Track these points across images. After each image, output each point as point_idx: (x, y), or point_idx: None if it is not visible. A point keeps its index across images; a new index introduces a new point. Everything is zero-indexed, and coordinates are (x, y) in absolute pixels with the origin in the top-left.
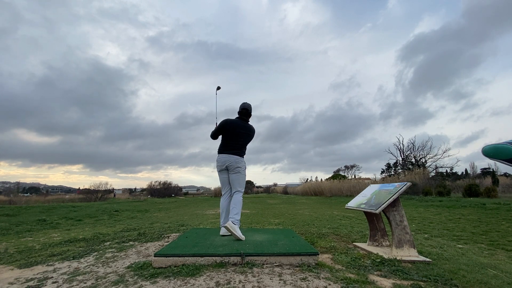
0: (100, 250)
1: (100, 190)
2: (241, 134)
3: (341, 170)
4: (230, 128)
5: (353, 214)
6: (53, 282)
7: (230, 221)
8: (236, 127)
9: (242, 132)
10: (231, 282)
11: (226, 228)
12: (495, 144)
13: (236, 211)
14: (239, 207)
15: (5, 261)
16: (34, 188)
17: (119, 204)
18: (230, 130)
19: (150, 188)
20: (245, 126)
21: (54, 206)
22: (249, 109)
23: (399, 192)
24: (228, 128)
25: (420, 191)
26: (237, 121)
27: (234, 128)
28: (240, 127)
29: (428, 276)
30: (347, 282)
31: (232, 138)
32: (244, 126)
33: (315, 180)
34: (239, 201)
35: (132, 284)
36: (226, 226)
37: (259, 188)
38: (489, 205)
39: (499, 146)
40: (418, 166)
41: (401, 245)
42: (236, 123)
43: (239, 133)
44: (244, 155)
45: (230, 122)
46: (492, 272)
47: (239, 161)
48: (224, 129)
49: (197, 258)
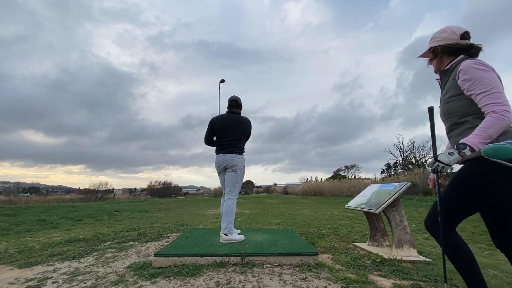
0: (100, 250)
1: (100, 190)
2: (232, 128)
3: (341, 170)
4: (218, 125)
5: (353, 214)
6: (53, 282)
7: (223, 234)
8: (225, 122)
9: (232, 126)
10: (231, 282)
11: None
12: (495, 144)
13: (227, 220)
14: (231, 216)
15: (5, 261)
16: (34, 188)
17: (119, 204)
18: (219, 127)
19: (150, 188)
20: (235, 118)
21: (54, 206)
22: (238, 100)
23: (399, 192)
24: (216, 126)
25: (420, 191)
26: (225, 115)
27: (224, 123)
28: (230, 121)
29: (428, 276)
30: (347, 282)
31: (224, 135)
32: (233, 119)
33: (315, 180)
34: (231, 209)
35: (132, 284)
36: (221, 242)
37: (259, 188)
38: None
39: (499, 146)
40: (418, 166)
41: (401, 245)
42: (224, 117)
43: (229, 128)
44: (242, 151)
45: (216, 119)
46: (492, 272)
47: (234, 159)
48: (213, 128)
49: (197, 258)
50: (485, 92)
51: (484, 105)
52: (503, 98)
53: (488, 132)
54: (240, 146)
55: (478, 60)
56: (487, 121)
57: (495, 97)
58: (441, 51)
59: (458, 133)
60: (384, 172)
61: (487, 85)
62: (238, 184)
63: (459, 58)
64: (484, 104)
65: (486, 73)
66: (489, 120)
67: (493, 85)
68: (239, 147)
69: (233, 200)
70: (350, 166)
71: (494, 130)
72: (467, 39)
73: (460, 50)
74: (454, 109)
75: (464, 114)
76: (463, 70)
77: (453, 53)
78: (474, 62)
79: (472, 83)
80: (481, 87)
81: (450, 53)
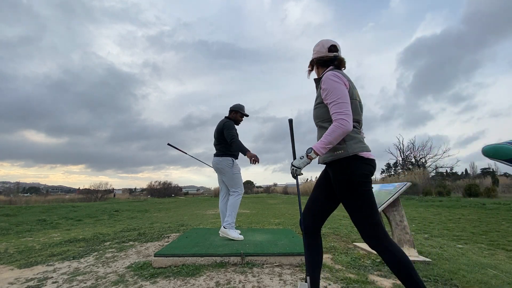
0: (100, 250)
1: (100, 190)
2: (215, 133)
3: None
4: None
5: None
6: (53, 282)
7: (222, 227)
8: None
9: (215, 131)
10: (231, 282)
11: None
12: (495, 144)
13: (228, 213)
14: (232, 209)
15: (5, 261)
16: (34, 188)
17: (119, 204)
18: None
19: (150, 188)
20: (218, 124)
21: (54, 206)
22: (231, 107)
23: (399, 192)
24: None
25: (420, 191)
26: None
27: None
28: (216, 127)
29: (428, 276)
30: (347, 282)
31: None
32: (217, 125)
33: (315, 180)
34: (232, 203)
35: (132, 284)
36: (219, 233)
37: (259, 188)
38: (489, 205)
39: (499, 146)
40: (418, 166)
41: (401, 245)
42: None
43: (214, 134)
44: (226, 152)
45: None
46: (492, 272)
47: (218, 162)
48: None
49: (197, 258)
50: (333, 102)
51: (332, 113)
52: (345, 108)
53: (328, 138)
54: (219, 147)
55: (335, 72)
56: (329, 128)
57: (340, 107)
58: (316, 63)
59: (319, 136)
60: (384, 172)
61: (336, 95)
62: (233, 183)
63: (327, 70)
64: (332, 112)
65: (337, 85)
66: (331, 127)
67: (340, 95)
68: (219, 149)
69: (235, 195)
70: None
71: (333, 136)
72: (334, 52)
73: (329, 62)
74: (318, 114)
75: (325, 119)
76: (323, 81)
77: (324, 65)
78: (331, 74)
79: (327, 93)
80: (332, 97)
81: (322, 65)
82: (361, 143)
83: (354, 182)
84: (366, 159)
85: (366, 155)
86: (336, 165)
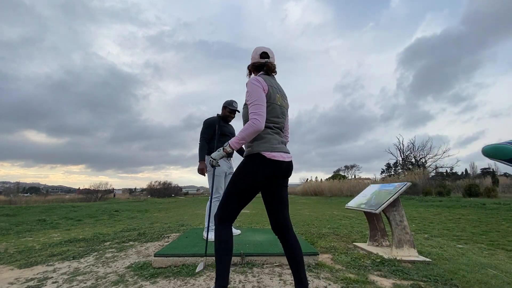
0: (100, 250)
1: (100, 190)
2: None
3: (341, 170)
4: None
5: (353, 214)
6: (53, 282)
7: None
8: None
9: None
10: (231, 282)
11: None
12: (495, 144)
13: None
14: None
15: (5, 261)
16: (34, 188)
17: (119, 204)
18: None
19: (150, 188)
20: None
21: (54, 206)
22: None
23: (399, 192)
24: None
25: (420, 191)
26: None
27: None
28: None
29: (428, 276)
30: (347, 282)
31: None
32: None
33: (315, 180)
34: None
35: (132, 284)
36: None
37: None
38: (489, 205)
39: (499, 146)
40: (418, 166)
41: (401, 245)
42: None
43: None
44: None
45: None
46: (492, 272)
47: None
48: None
49: (197, 258)
50: (251, 103)
51: (249, 113)
52: (260, 110)
53: (241, 134)
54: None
55: (257, 77)
56: (244, 126)
57: (255, 108)
58: (252, 68)
59: None
60: (384, 172)
61: (254, 97)
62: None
63: (259, 74)
64: (249, 112)
65: (257, 88)
66: (245, 125)
67: (257, 98)
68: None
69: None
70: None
71: (245, 133)
72: (266, 58)
73: (260, 68)
74: (244, 113)
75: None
76: (247, 84)
77: (257, 70)
78: (253, 79)
79: (248, 95)
80: (250, 99)
81: (256, 70)
82: (268, 143)
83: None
84: (268, 159)
85: (269, 155)
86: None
